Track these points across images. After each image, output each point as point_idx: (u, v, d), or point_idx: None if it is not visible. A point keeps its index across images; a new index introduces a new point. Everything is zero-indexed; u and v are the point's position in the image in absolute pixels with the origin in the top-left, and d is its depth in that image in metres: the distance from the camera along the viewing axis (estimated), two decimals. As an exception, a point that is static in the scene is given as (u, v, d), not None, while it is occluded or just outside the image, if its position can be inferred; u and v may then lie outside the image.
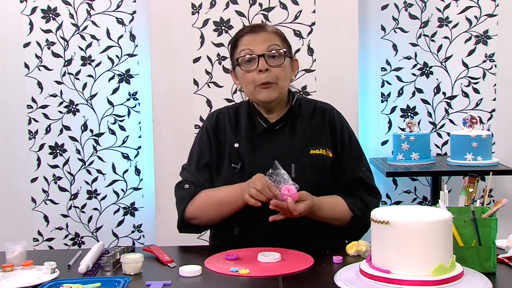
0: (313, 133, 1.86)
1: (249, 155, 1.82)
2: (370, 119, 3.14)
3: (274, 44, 1.80)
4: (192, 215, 1.82)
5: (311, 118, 1.88)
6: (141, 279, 1.48)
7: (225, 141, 1.87)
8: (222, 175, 1.84)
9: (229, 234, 1.84)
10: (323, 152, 1.83)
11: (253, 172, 1.73)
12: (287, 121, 1.86)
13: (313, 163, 1.81)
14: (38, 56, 3.08)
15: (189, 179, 1.87)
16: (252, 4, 2.82)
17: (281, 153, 1.80)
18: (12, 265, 1.54)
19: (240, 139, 1.85)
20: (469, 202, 1.57)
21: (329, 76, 2.83)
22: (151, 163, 2.96)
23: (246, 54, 1.79)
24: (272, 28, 1.87)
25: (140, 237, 3.21)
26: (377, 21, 3.09)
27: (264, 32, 1.82)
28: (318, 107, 1.91)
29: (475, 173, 1.61)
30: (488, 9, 3.04)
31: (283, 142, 1.83)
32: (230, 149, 1.84)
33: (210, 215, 1.81)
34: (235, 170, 1.81)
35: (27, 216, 3.14)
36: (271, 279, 1.45)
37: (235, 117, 1.91)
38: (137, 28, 3.09)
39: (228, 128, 1.89)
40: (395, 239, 1.30)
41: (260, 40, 1.80)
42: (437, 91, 3.10)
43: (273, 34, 1.83)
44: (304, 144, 1.83)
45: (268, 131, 1.85)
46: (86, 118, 3.12)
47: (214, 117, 1.93)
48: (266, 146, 1.83)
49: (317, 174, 1.82)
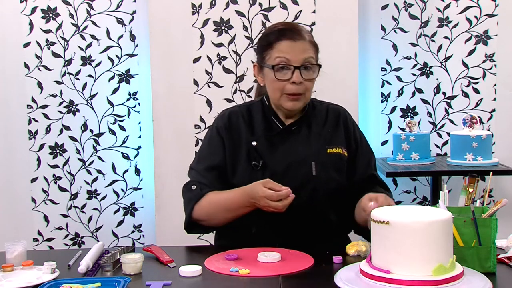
0: (328, 133, 1.87)
1: (269, 154, 1.81)
2: (370, 119, 3.14)
3: (310, 57, 1.77)
4: (199, 218, 1.81)
5: (326, 119, 1.90)
6: (141, 279, 1.48)
7: (240, 140, 1.85)
8: (240, 173, 1.82)
9: (237, 234, 1.83)
10: (340, 150, 1.85)
11: (274, 170, 1.77)
12: (303, 122, 1.87)
13: (332, 162, 1.83)
14: (38, 56, 3.08)
15: (196, 180, 1.85)
16: (252, 4, 2.82)
17: (300, 152, 1.81)
18: (12, 265, 1.54)
19: (258, 137, 1.84)
20: (469, 202, 1.57)
21: (329, 76, 2.81)
22: (151, 163, 2.96)
23: (282, 62, 1.76)
24: (309, 35, 1.81)
25: (140, 237, 3.21)
26: (377, 21, 3.09)
27: (302, 41, 1.77)
28: (331, 108, 1.93)
29: (475, 173, 1.61)
30: (488, 9, 3.04)
31: (300, 142, 1.84)
32: (248, 147, 1.83)
33: (216, 219, 1.80)
34: (257, 167, 1.79)
35: (27, 216, 3.14)
36: (271, 279, 1.45)
37: (248, 115, 1.89)
38: (137, 28, 3.09)
39: (242, 126, 1.86)
40: (395, 239, 1.30)
41: (298, 50, 1.75)
42: (437, 91, 3.10)
43: (310, 44, 1.79)
44: (321, 143, 1.84)
45: (286, 132, 1.85)
46: (86, 118, 3.13)
47: (226, 116, 1.90)
48: (284, 146, 1.83)
49: (336, 172, 1.83)
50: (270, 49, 1.79)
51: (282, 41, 1.77)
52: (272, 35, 1.80)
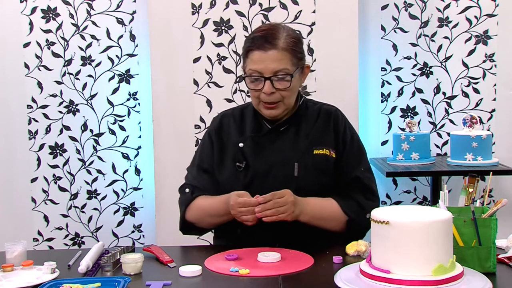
0: (317, 134, 1.87)
1: (253, 155, 1.83)
2: (370, 119, 3.14)
3: (282, 68, 1.74)
4: (192, 221, 1.88)
5: (316, 120, 1.89)
6: (141, 279, 1.48)
7: (229, 141, 1.88)
8: (225, 174, 1.86)
9: (233, 234, 1.84)
10: (327, 152, 1.84)
11: (257, 171, 1.79)
12: (292, 123, 1.87)
13: (317, 163, 1.82)
14: (38, 56, 3.08)
15: (190, 182, 1.91)
16: (252, 4, 2.82)
17: (284, 153, 1.82)
18: (12, 265, 1.54)
19: (245, 138, 1.86)
20: (469, 202, 1.57)
21: (329, 76, 2.83)
22: (151, 163, 2.96)
23: (253, 74, 1.76)
24: (284, 42, 1.75)
25: (140, 237, 3.21)
26: (377, 21, 3.09)
27: (274, 50, 1.73)
28: (323, 109, 1.92)
29: (475, 173, 1.61)
30: (488, 9, 3.04)
31: (287, 143, 1.84)
32: (234, 149, 1.86)
33: (204, 223, 1.87)
34: (240, 169, 1.82)
35: (27, 216, 3.14)
36: (271, 279, 1.45)
37: (240, 117, 1.92)
38: (137, 28, 3.09)
39: (232, 128, 1.90)
40: (395, 239, 1.30)
41: (269, 60, 1.73)
42: (437, 91, 3.10)
43: (284, 52, 1.74)
44: (307, 144, 1.84)
45: (274, 132, 1.86)
46: (86, 118, 3.12)
47: (219, 119, 1.96)
48: (271, 146, 1.84)
49: (321, 173, 1.83)
50: (246, 58, 1.80)
51: (253, 51, 1.76)
52: (247, 43, 1.80)
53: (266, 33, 1.77)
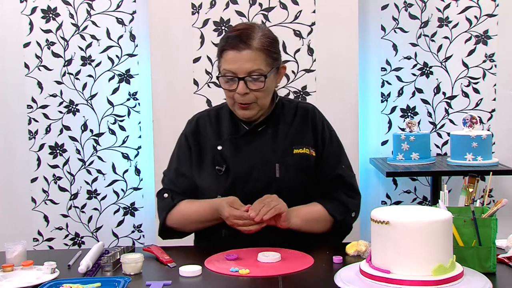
0: (295, 133, 1.86)
1: (233, 157, 1.82)
2: (370, 119, 3.13)
3: (256, 68, 1.72)
4: (173, 226, 1.86)
5: (294, 118, 1.88)
6: (141, 279, 1.48)
7: (206, 144, 1.87)
8: (206, 178, 1.84)
9: (215, 236, 1.84)
10: (307, 151, 1.84)
11: (238, 174, 1.78)
12: (269, 123, 1.86)
13: (297, 162, 1.82)
14: (38, 56, 3.08)
15: (168, 187, 1.89)
16: (252, 4, 2.82)
17: (264, 154, 1.81)
18: (12, 265, 1.54)
19: (223, 141, 1.85)
20: (469, 202, 1.57)
21: (329, 76, 2.83)
22: (151, 163, 2.96)
23: (227, 74, 1.74)
24: (258, 42, 1.73)
25: (140, 237, 3.21)
26: (377, 21, 3.09)
27: (248, 50, 1.71)
28: (300, 107, 1.91)
29: (475, 173, 1.61)
30: (488, 9, 3.04)
31: (266, 143, 1.83)
32: (213, 152, 1.84)
33: (189, 228, 1.87)
34: (220, 172, 1.81)
35: (27, 216, 3.14)
36: (271, 279, 1.45)
37: (216, 119, 1.90)
38: (137, 28, 3.09)
39: (209, 131, 1.88)
40: (395, 239, 1.30)
41: (243, 60, 1.71)
42: (437, 91, 3.10)
43: (258, 52, 1.72)
44: (287, 144, 1.84)
45: (251, 133, 1.85)
46: (86, 118, 3.12)
47: (194, 121, 1.94)
48: (250, 147, 1.83)
49: (302, 173, 1.82)
50: (220, 57, 1.78)
51: (228, 51, 1.74)
52: (222, 42, 1.79)
53: (241, 32, 1.75)
